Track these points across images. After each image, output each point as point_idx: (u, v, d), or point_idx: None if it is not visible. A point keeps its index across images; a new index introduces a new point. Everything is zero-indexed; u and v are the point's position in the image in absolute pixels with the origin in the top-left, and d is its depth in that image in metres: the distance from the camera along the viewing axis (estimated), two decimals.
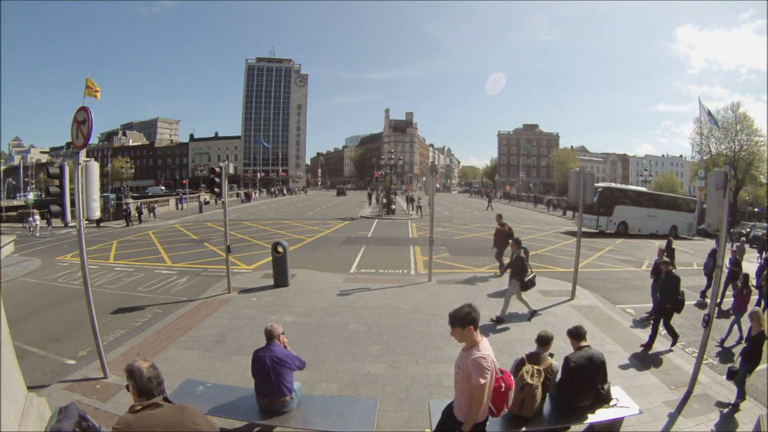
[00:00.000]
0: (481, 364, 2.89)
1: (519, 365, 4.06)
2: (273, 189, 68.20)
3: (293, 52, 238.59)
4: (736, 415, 4.96)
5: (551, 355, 4.21)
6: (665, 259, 7.96)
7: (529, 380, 3.84)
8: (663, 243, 10.83)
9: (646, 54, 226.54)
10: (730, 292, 9.52)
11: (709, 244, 18.77)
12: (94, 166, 5.63)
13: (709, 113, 30.69)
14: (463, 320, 3.06)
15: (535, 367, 3.96)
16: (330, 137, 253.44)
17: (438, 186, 49.11)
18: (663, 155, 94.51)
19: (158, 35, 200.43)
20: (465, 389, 2.99)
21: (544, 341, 4.21)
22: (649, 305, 9.04)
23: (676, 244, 12.21)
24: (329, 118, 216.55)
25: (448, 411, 3.31)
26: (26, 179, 75.78)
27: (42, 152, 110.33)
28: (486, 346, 3.02)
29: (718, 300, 7.89)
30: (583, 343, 4.25)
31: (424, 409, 4.66)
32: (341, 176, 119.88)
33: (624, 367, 6.24)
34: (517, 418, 3.90)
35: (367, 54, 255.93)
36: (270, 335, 4.20)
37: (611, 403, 4.14)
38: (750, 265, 17.12)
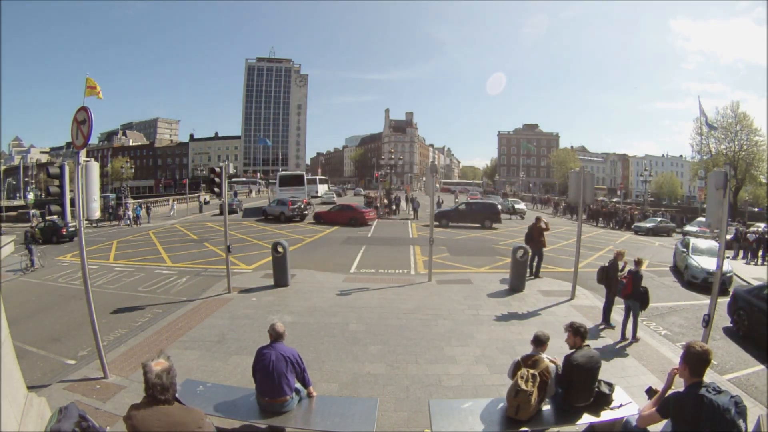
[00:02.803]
0: None
1: (515, 369, 4.04)
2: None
3: (294, 53, 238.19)
4: None
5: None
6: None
7: (523, 386, 3.81)
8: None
9: (643, 51, 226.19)
10: None
11: None
12: (94, 166, 5.64)
13: (705, 117, 30.90)
14: None
15: (531, 371, 3.93)
16: (330, 137, 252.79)
17: (437, 186, 48.98)
18: (663, 155, 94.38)
19: (158, 35, 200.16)
20: None
21: (540, 342, 4.19)
22: (649, 305, 9.26)
23: None
24: (329, 118, 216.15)
25: None
26: (26, 179, 75.67)
27: (42, 152, 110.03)
28: None
29: None
30: (584, 343, 4.25)
31: (424, 409, 4.66)
32: (341, 176, 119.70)
33: (624, 367, 6.25)
34: (514, 421, 3.90)
35: (368, 55, 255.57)
36: (276, 334, 4.21)
37: (611, 405, 4.14)
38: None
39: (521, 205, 37.98)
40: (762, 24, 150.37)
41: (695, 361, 2.83)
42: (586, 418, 4.05)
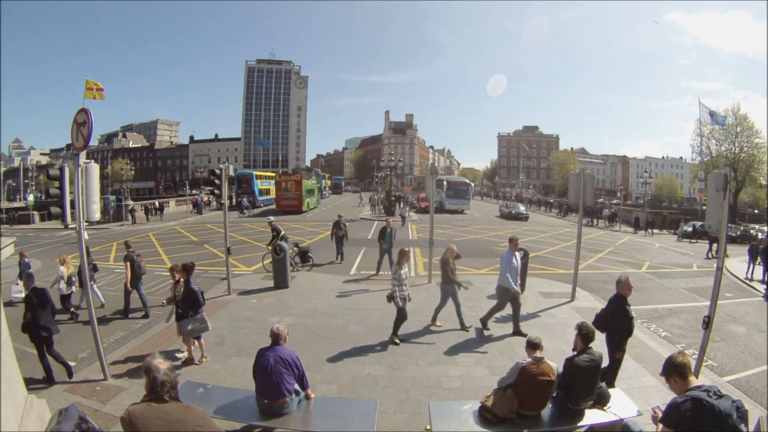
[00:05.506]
0: None
1: (520, 373, 4.02)
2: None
3: (294, 55, 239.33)
4: None
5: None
6: None
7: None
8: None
9: (642, 50, 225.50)
10: None
11: None
12: (94, 168, 5.66)
13: (711, 113, 30.53)
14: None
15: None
16: (330, 139, 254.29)
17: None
18: (663, 157, 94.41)
19: (158, 37, 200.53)
20: None
21: (535, 346, 4.15)
22: (648, 307, 9.65)
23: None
24: (330, 119, 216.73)
25: None
26: (26, 181, 75.67)
27: (42, 154, 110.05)
28: None
29: None
30: (589, 346, 4.24)
31: (424, 411, 4.66)
32: (341, 178, 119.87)
33: (624, 368, 6.22)
34: (513, 422, 3.92)
35: (369, 57, 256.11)
36: (276, 337, 4.22)
37: (606, 407, 4.15)
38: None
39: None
40: (762, 19, 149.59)
41: (682, 367, 2.81)
42: (587, 420, 4.05)
